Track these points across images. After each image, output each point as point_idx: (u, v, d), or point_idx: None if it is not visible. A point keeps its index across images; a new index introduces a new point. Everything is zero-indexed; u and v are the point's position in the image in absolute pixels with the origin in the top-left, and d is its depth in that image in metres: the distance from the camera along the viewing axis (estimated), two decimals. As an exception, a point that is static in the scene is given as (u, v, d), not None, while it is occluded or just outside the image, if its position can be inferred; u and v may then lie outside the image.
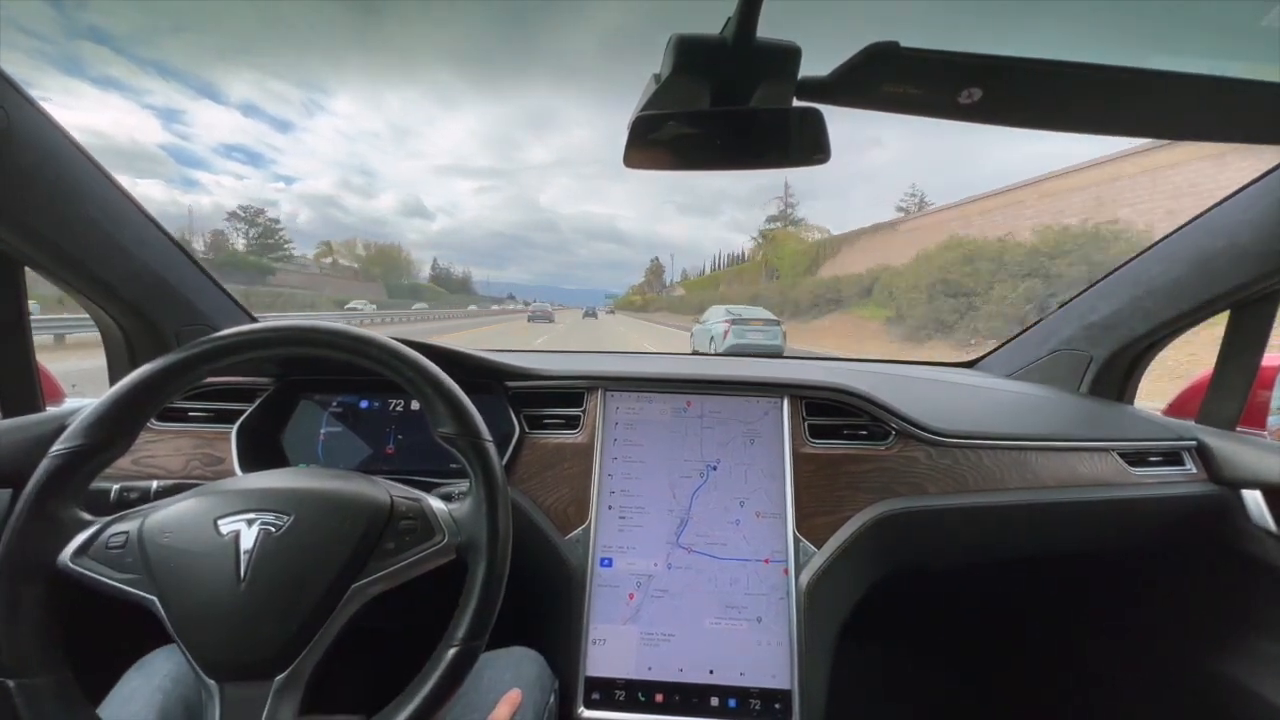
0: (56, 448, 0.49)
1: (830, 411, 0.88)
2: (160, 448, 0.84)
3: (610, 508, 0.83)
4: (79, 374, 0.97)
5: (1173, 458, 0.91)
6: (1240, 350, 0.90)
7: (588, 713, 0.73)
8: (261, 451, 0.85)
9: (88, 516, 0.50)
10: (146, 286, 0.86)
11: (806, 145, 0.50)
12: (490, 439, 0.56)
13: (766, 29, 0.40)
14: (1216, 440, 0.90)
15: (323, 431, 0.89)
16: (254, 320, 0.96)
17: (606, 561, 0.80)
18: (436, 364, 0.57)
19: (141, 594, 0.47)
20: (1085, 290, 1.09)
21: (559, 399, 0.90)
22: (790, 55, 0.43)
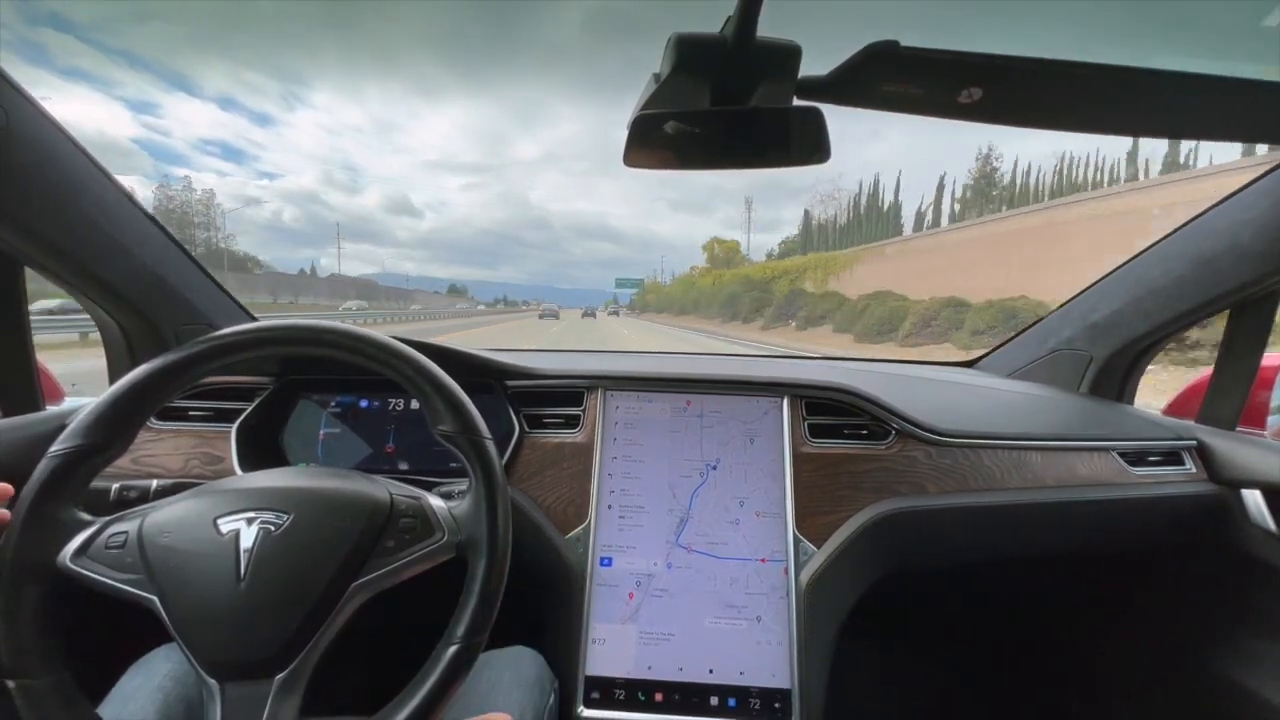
0: (56, 447, 0.49)
1: (830, 411, 0.88)
2: (160, 447, 0.84)
3: (610, 507, 0.83)
4: (101, 373, 0.97)
5: (1172, 457, 0.91)
6: (1240, 350, 0.90)
7: (587, 712, 0.73)
8: (261, 451, 0.85)
9: (87, 516, 0.50)
10: (146, 285, 0.86)
11: (807, 144, 0.50)
12: (490, 437, 0.56)
13: (766, 28, 0.40)
14: (1216, 440, 0.90)
15: (322, 431, 0.89)
16: (253, 319, 0.96)
17: (606, 561, 0.80)
18: (436, 362, 0.57)
19: (141, 594, 0.47)
20: (1086, 290, 1.09)
21: (559, 398, 0.90)
22: (790, 54, 0.42)
